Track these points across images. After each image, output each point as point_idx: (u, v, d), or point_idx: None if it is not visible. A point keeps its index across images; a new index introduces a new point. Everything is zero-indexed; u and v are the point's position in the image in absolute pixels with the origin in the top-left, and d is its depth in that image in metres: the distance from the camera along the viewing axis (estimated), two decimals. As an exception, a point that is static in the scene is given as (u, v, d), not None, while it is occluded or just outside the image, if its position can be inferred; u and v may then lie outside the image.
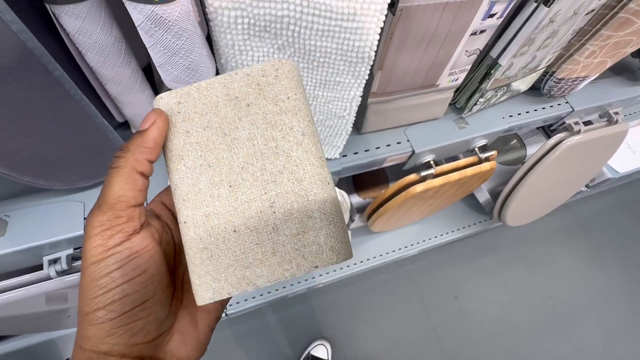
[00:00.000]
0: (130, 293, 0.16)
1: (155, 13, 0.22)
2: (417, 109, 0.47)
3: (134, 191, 0.17)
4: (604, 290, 1.07)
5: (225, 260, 0.18)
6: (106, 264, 0.16)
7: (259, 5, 0.24)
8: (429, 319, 0.98)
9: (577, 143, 0.60)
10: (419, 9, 0.31)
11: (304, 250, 0.18)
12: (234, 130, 0.19)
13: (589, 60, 0.48)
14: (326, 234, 0.18)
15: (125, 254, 0.16)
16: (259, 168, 0.19)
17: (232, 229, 0.18)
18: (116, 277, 0.16)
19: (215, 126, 0.19)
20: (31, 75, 0.25)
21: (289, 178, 0.18)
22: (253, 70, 0.20)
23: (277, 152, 0.19)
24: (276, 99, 0.19)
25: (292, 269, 0.18)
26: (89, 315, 0.16)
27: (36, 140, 0.30)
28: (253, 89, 0.19)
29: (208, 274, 0.18)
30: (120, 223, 0.16)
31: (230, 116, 0.19)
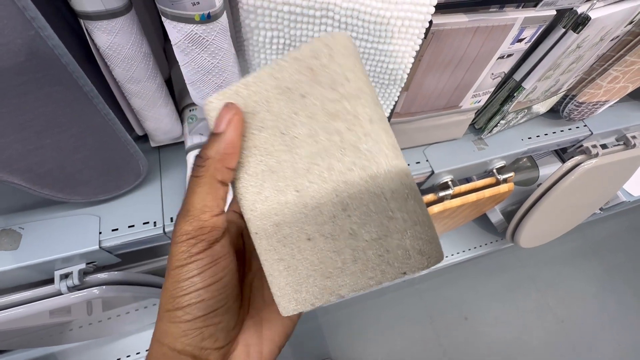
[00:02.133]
0: (206, 298, 0.17)
1: (194, 32, 0.22)
2: (438, 129, 0.46)
3: (216, 200, 0.17)
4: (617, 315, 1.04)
5: (303, 271, 0.17)
6: (189, 269, 0.16)
7: (296, 26, 0.24)
8: (439, 341, 0.95)
9: (594, 166, 0.59)
10: (451, 33, 0.31)
11: (387, 256, 0.16)
12: (292, 127, 0.17)
13: (611, 85, 0.48)
14: (412, 235, 0.16)
15: (206, 261, 0.17)
16: (326, 168, 0.16)
17: (305, 237, 0.17)
18: (196, 282, 0.16)
19: (271, 125, 0.17)
20: (62, 89, 0.25)
21: (361, 176, 0.16)
22: (302, 52, 0.17)
23: (344, 147, 0.16)
24: (334, 83, 0.16)
25: (377, 276, 0.16)
26: (170, 312, 0.17)
27: (60, 154, 0.29)
28: (305, 76, 0.17)
29: (288, 285, 0.17)
30: (205, 233, 0.17)
31: (285, 112, 0.17)
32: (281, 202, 0.17)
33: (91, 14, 0.26)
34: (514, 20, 0.32)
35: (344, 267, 0.16)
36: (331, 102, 0.16)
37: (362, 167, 0.16)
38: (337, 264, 0.17)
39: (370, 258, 0.16)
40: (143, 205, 0.39)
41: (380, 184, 0.16)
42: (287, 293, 0.17)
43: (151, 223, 0.38)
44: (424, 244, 0.16)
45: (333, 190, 0.16)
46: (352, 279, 0.16)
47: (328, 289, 0.17)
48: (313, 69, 0.16)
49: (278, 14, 0.23)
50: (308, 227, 0.17)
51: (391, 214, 0.16)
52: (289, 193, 0.17)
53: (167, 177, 0.42)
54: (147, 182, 0.41)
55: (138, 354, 0.66)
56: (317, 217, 0.17)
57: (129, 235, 0.37)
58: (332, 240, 0.17)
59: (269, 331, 0.20)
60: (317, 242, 0.17)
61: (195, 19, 0.21)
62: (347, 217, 0.16)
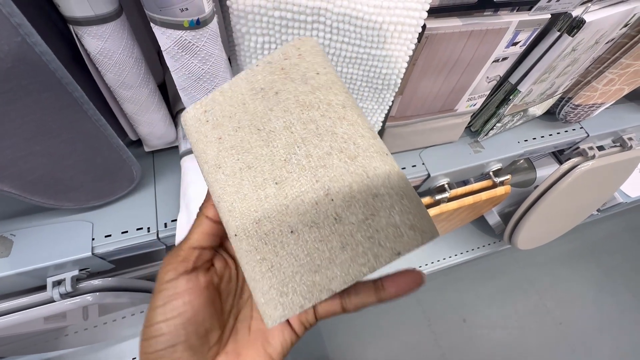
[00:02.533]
0: (164, 333, 0.16)
1: (183, 38, 0.21)
2: (434, 132, 0.46)
3: (199, 234, 0.18)
4: (615, 317, 1.04)
5: (288, 268, 0.15)
6: (155, 299, 0.17)
7: (287, 32, 0.24)
8: (438, 343, 0.94)
9: (591, 168, 0.59)
10: (445, 37, 0.30)
11: (378, 236, 0.15)
12: (267, 122, 0.17)
13: (607, 88, 0.48)
14: (400, 210, 0.15)
15: (169, 292, 0.17)
16: (304, 155, 0.16)
17: (288, 230, 0.16)
18: (158, 314, 0.17)
19: (247, 124, 0.17)
20: (51, 96, 0.25)
21: (340, 157, 0.16)
22: (274, 56, 0.18)
23: (320, 133, 0.16)
24: (305, 77, 0.17)
25: (370, 261, 0.15)
26: (142, 343, 0.17)
27: (50, 161, 0.29)
28: (278, 75, 0.17)
29: (273, 288, 0.15)
30: (177, 261, 0.17)
31: (260, 109, 0.17)
32: (260, 197, 0.16)
33: (80, 19, 0.25)
34: (508, 24, 0.32)
35: (332, 256, 0.15)
36: (304, 94, 0.17)
37: (340, 149, 0.16)
38: (324, 254, 0.15)
39: (359, 241, 0.15)
40: (137, 210, 0.39)
41: (361, 163, 0.16)
42: (273, 298, 0.15)
43: (145, 229, 0.38)
44: (414, 218, 0.15)
45: (313, 176, 0.16)
46: (343, 269, 0.15)
47: (317, 285, 0.15)
48: (284, 68, 0.17)
49: (269, 20, 0.23)
50: (290, 219, 0.16)
51: (375, 191, 0.15)
52: (267, 186, 0.16)
53: (161, 182, 0.41)
54: (141, 187, 0.40)
55: (134, 359, 0.66)
56: (298, 206, 0.16)
57: (123, 242, 0.37)
58: (316, 228, 0.15)
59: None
60: (301, 233, 0.16)
61: (184, 25, 0.21)
62: (330, 201, 0.16)
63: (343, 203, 0.15)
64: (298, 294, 0.15)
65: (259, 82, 0.18)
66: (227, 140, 0.18)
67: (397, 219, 0.15)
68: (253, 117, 0.17)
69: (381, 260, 0.15)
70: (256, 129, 0.17)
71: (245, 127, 0.17)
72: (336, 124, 0.16)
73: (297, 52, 0.17)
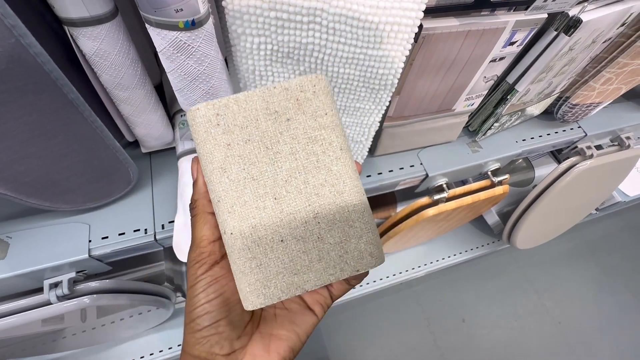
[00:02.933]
0: (209, 311, 0.20)
1: (179, 39, 0.21)
2: (432, 132, 0.46)
3: (210, 229, 0.21)
4: (614, 316, 1.04)
5: (274, 268, 0.19)
6: (195, 288, 0.20)
7: (283, 32, 0.24)
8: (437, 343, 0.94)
9: (589, 168, 0.59)
10: (441, 37, 0.30)
11: (346, 256, 0.20)
12: (276, 144, 0.20)
13: (605, 87, 0.48)
14: (366, 241, 0.20)
15: (207, 280, 0.20)
16: (302, 181, 0.20)
17: (279, 239, 0.19)
18: (201, 298, 0.20)
19: (257, 140, 0.20)
20: (46, 97, 0.25)
21: (331, 190, 0.20)
22: (291, 85, 0.20)
23: (319, 166, 0.20)
24: (315, 114, 0.20)
25: (337, 273, 0.20)
26: (188, 325, 0.20)
27: (46, 162, 0.29)
28: (292, 104, 0.20)
29: (258, 282, 0.19)
30: (204, 257, 0.20)
31: (271, 130, 0.20)
32: (259, 206, 0.19)
33: (76, 20, 0.25)
34: (505, 24, 0.32)
35: (310, 265, 0.19)
36: (312, 129, 0.20)
37: (332, 184, 0.20)
38: (305, 262, 0.19)
39: (332, 258, 0.20)
40: (134, 212, 0.39)
41: (345, 199, 0.20)
42: (257, 288, 0.19)
43: (142, 230, 0.38)
44: (373, 248, 0.20)
45: (306, 200, 0.20)
46: (316, 275, 0.20)
47: (294, 284, 0.19)
48: (299, 100, 0.20)
49: (265, 20, 0.23)
50: (282, 230, 0.19)
51: (352, 223, 0.20)
52: (267, 199, 0.19)
53: (159, 183, 0.41)
54: (138, 188, 0.40)
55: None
56: (291, 222, 0.19)
57: (120, 243, 0.37)
58: (302, 242, 0.19)
59: (276, 346, 0.22)
60: (289, 243, 0.19)
61: (179, 26, 0.21)
62: (317, 223, 0.20)
63: (326, 226, 0.20)
64: (278, 289, 0.19)
65: (274, 104, 0.20)
66: (236, 149, 0.19)
67: (362, 247, 0.20)
68: (264, 135, 0.20)
69: (344, 274, 0.20)
70: (265, 146, 0.20)
71: (255, 142, 0.20)
72: (333, 162, 0.20)
73: (312, 89, 0.20)
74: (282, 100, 0.20)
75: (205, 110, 0.20)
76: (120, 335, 0.65)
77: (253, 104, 0.20)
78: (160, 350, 0.66)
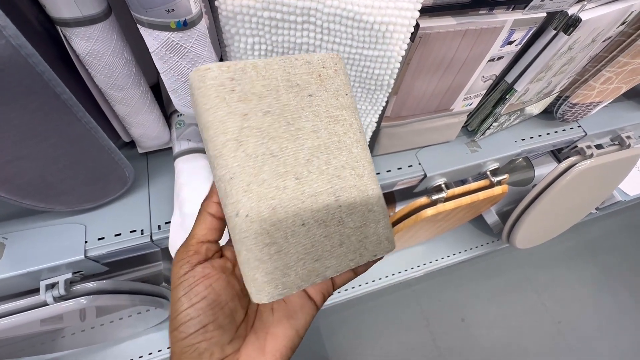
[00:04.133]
0: (194, 317, 0.18)
1: (171, 40, 0.21)
2: (430, 132, 0.46)
3: (206, 229, 0.20)
4: (614, 316, 1.04)
5: (294, 254, 0.18)
6: (177, 291, 0.18)
7: (277, 32, 0.23)
8: (436, 343, 0.94)
9: (589, 167, 0.59)
10: (439, 36, 0.30)
11: (366, 241, 0.19)
12: (298, 119, 0.18)
13: (605, 86, 0.47)
14: (383, 225, 0.20)
15: (189, 281, 0.18)
16: (324, 161, 0.19)
17: (300, 222, 0.18)
18: (183, 302, 0.18)
19: (277, 112, 0.18)
20: (38, 99, 0.24)
21: (351, 173, 0.19)
22: (313, 58, 0.19)
23: (340, 147, 0.19)
24: (337, 93, 0.19)
25: (356, 258, 0.19)
26: (172, 333, 0.18)
27: (39, 164, 0.29)
28: (314, 79, 0.19)
29: (278, 270, 0.17)
30: (189, 255, 0.19)
31: (293, 104, 0.18)
32: (279, 186, 0.17)
33: (68, 20, 0.25)
34: (504, 23, 0.32)
35: (332, 250, 0.19)
36: (333, 108, 0.19)
37: (352, 166, 0.19)
38: (327, 247, 0.18)
39: (352, 242, 0.19)
40: (130, 213, 0.39)
41: (365, 182, 0.19)
42: (275, 277, 0.17)
43: (138, 231, 0.38)
44: (389, 233, 0.20)
45: (328, 182, 0.18)
46: (337, 261, 0.19)
47: (315, 271, 0.18)
48: (322, 76, 0.19)
49: (258, 20, 0.23)
50: (304, 213, 0.18)
51: (370, 207, 0.19)
52: (288, 179, 0.18)
53: (155, 183, 0.41)
54: (135, 189, 0.40)
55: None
56: (312, 204, 0.18)
57: (116, 244, 0.37)
58: (324, 226, 0.18)
59: (272, 346, 0.20)
60: (311, 227, 0.18)
61: (171, 26, 0.20)
62: (338, 206, 0.19)
63: (347, 210, 0.19)
64: (298, 277, 0.18)
65: (296, 77, 0.19)
66: (254, 120, 0.18)
67: (380, 231, 0.20)
68: (284, 108, 0.18)
69: (364, 259, 0.19)
70: (286, 121, 0.18)
71: (275, 115, 0.18)
72: (353, 144, 0.19)
73: (334, 66, 0.19)
74: (304, 74, 0.19)
75: (219, 72, 0.17)
76: (119, 335, 0.65)
77: (273, 73, 0.18)
78: (159, 350, 0.66)
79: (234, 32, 0.23)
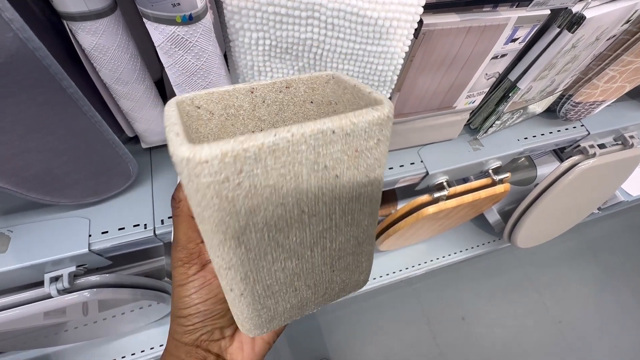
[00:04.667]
0: (202, 310, 0.21)
1: (176, 34, 0.21)
2: (432, 129, 0.46)
3: (195, 232, 0.20)
4: (615, 316, 1.04)
5: (282, 309, 0.19)
6: (187, 288, 0.20)
7: (282, 27, 0.24)
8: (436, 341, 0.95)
9: (592, 166, 0.59)
10: (442, 33, 0.30)
11: (347, 287, 0.21)
12: (315, 206, 0.15)
13: (608, 85, 0.47)
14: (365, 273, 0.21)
15: (200, 281, 0.20)
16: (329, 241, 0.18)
17: (293, 289, 0.18)
18: (194, 298, 0.20)
19: (292, 203, 0.15)
20: (45, 92, 0.25)
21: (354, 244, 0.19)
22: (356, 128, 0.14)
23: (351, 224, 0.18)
24: (368, 169, 0.16)
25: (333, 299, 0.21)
26: (178, 318, 0.21)
27: (45, 157, 0.29)
28: (348, 157, 0.15)
29: (266, 321, 0.19)
30: (194, 258, 0.20)
31: (313, 191, 0.15)
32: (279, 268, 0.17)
33: (75, 14, 0.25)
34: (507, 20, 0.32)
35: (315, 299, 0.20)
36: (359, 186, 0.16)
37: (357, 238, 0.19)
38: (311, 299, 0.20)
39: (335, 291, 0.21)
40: (133, 207, 0.39)
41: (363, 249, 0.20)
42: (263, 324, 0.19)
43: (141, 225, 0.38)
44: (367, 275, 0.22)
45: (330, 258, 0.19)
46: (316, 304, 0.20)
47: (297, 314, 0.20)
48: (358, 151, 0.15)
49: (263, 15, 0.23)
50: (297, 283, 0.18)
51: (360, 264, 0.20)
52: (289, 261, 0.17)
53: (158, 178, 0.41)
54: (138, 183, 0.40)
55: (133, 355, 0.66)
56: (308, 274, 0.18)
57: (119, 238, 0.37)
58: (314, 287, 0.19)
59: None
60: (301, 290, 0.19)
61: (176, 20, 0.21)
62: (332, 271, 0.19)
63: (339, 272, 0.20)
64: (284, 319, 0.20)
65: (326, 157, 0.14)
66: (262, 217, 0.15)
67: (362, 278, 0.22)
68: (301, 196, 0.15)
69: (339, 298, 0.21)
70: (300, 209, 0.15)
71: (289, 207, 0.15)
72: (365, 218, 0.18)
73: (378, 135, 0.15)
74: (338, 152, 0.14)
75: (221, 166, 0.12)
76: (122, 329, 0.66)
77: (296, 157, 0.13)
78: (160, 345, 0.67)
79: (238, 26, 0.23)
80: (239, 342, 0.23)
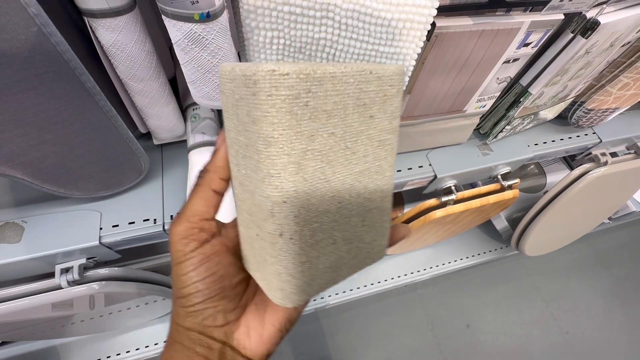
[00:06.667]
0: (202, 289, 0.19)
1: (194, 31, 0.22)
2: (442, 133, 0.46)
3: (207, 207, 0.20)
4: (625, 330, 1.01)
5: (322, 269, 0.19)
6: (185, 266, 0.19)
7: (296, 27, 0.24)
8: (440, 348, 0.93)
9: (603, 175, 0.58)
10: (454, 36, 0.30)
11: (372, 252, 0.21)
12: (355, 143, 0.18)
13: (622, 92, 0.47)
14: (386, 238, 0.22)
15: (199, 258, 0.19)
16: (364, 186, 0.19)
17: (332, 241, 0.19)
18: (192, 277, 0.19)
19: (340, 135, 0.17)
20: (64, 86, 0.25)
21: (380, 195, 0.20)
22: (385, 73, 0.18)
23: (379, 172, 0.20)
24: (392, 115, 0.18)
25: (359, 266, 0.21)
26: (178, 299, 0.20)
27: (62, 149, 0.30)
28: (380, 99, 0.18)
29: (306, 283, 0.18)
30: (194, 233, 0.19)
31: (355, 126, 0.17)
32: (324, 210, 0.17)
33: (95, 11, 0.26)
34: (520, 24, 0.32)
35: (349, 262, 0.20)
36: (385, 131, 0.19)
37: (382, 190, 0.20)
38: (345, 260, 0.20)
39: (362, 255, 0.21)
40: (144, 202, 0.40)
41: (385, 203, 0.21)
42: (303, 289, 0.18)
43: (151, 220, 0.38)
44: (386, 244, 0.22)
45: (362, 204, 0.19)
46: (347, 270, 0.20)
47: (332, 279, 0.20)
48: (387, 95, 0.18)
49: (278, 14, 0.23)
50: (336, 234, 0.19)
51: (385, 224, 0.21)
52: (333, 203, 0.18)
53: (169, 175, 0.42)
54: (149, 179, 0.41)
55: (137, 349, 0.67)
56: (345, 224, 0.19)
57: (129, 232, 0.38)
58: (348, 243, 0.19)
59: (272, 316, 0.21)
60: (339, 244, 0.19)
61: (194, 17, 0.21)
62: (363, 225, 0.20)
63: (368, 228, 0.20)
64: (319, 286, 0.19)
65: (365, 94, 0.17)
66: (319, 143, 0.16)
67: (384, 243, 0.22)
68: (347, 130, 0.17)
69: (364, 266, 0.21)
70: (345, 144, 0.17)
71: (338, 137, 0.17)
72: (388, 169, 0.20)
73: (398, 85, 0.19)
74: (372, 91, 0.17)
75: (297, 80, 0.14)
76: (127, 324, 0.66)
77: (347, 88, 0.16)
78: (165, 341, 0.67)
79: (254, 25, 0.24)
80: (245, 326, 0.21)
